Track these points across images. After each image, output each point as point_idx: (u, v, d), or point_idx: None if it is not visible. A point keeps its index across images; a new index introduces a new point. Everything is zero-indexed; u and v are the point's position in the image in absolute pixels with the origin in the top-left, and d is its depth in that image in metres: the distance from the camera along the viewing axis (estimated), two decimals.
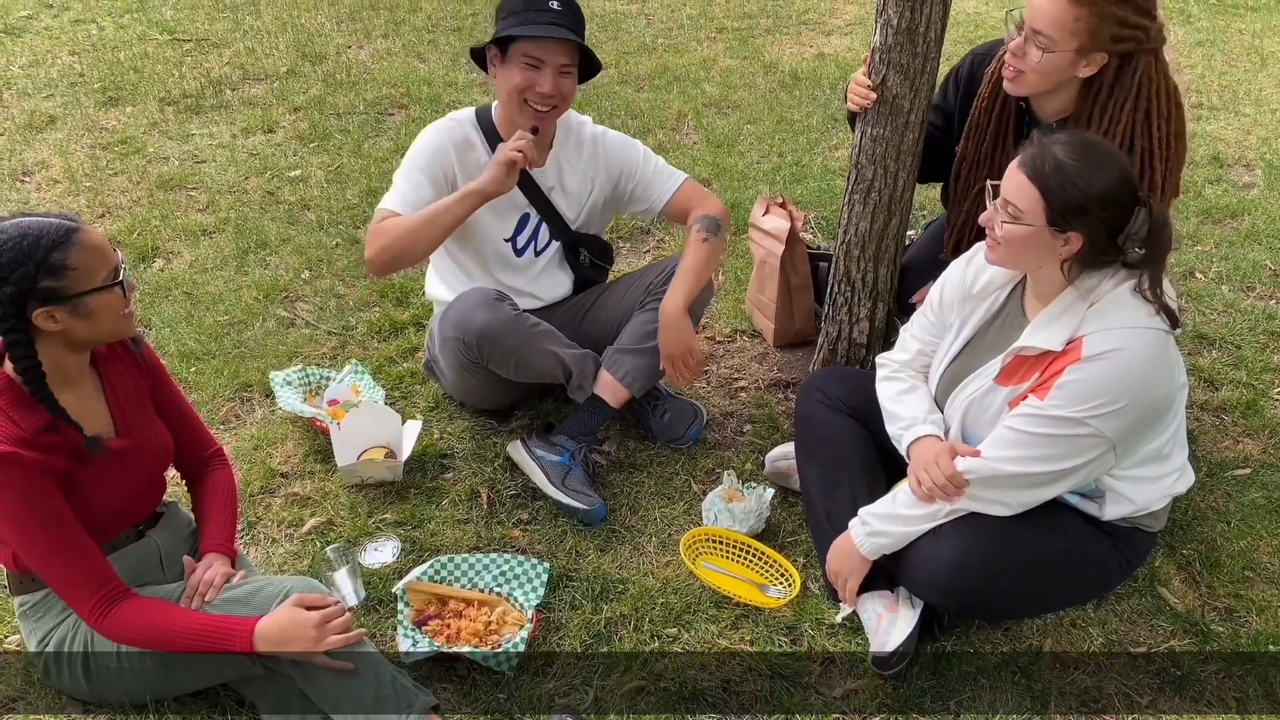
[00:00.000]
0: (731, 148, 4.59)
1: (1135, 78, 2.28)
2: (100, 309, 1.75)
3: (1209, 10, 6.67)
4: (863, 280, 2.73)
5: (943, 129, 2.69)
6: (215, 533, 2.05)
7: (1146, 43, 2.26)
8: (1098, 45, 2.24)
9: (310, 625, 1.80)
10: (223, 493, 2.12)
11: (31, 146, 4.33)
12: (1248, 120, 5.02)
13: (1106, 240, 1.90)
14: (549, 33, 2.36)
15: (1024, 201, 1.92)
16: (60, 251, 1.68)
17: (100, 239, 1.76)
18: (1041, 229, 1.91)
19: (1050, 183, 1.88)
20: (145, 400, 2.00)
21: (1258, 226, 3.98)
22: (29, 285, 1.67)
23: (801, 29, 6.26)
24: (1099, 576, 2.20)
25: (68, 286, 1.70)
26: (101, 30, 5.62)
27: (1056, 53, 2.25)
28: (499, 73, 2.46)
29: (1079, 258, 1.93)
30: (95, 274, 1.73)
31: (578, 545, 2.45)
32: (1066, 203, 1.87)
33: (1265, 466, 2.74)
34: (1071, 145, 1.90)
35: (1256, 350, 3.24)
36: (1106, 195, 1.86)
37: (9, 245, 1.66)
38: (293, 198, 4.02)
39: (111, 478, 1.87)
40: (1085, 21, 2.20)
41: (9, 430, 1.71)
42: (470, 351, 2.51)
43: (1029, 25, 2.27)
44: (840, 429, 2.38)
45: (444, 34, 5.85)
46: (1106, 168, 1.87)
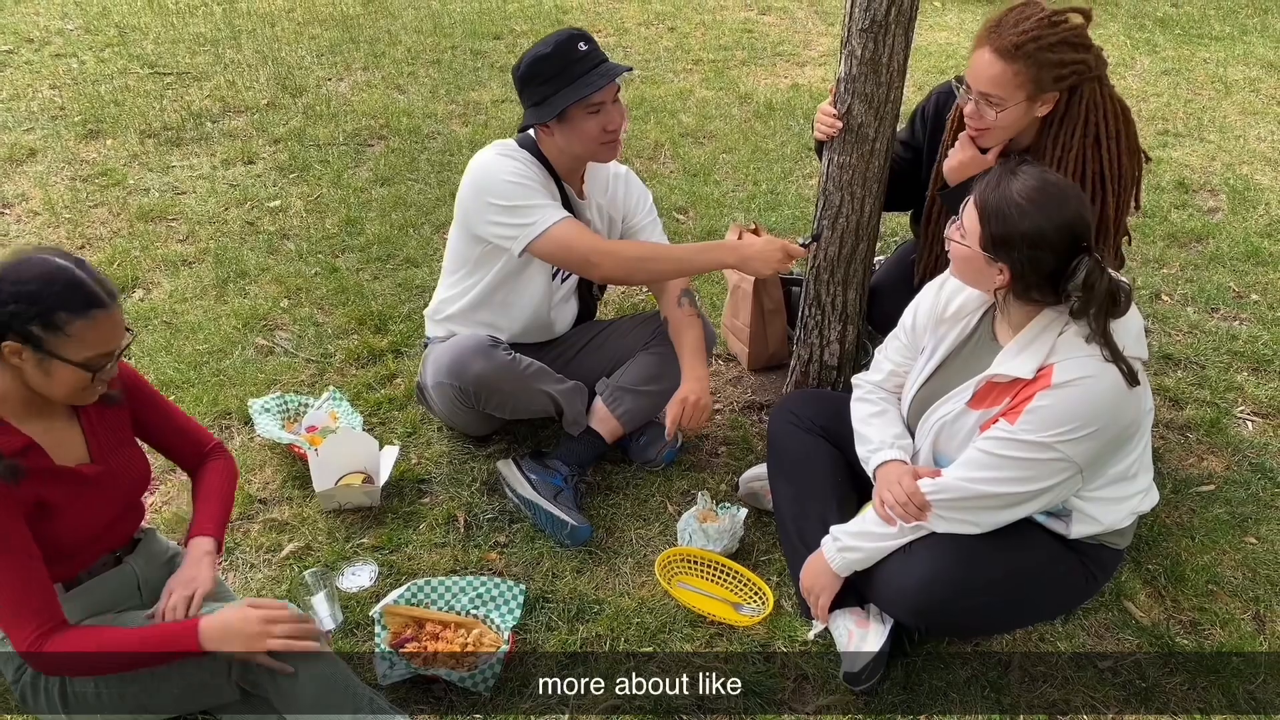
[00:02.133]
0: (707, 176, 4.66)
1: (1082, 105, 2.35)
2: (62, 378, 1.74)
3: (1174, 40, 6.82)
4: (833, 304, 2.79)
5: (911, 161, 2.76)
6: (205, 518, 2.03)
7: (1089, 73, 2.33)
8: (1043, 89, 2.31)
9: (254, 622, 1.79)
10: (216, 478, 2.11)
11: (11, 179, 4.36)
12: (1212, 146, 5.14)
13: (1038, 280, 1.95)
14: (603, 83, 2.41)
15: (969, 223, 1.99)
16: (68, 314, 1.68)
17: (117, 325, 1.75)
18: (977, 253, 1.98)
19: (989, 211, 1.94)
20: (124, 426, 2.00)
21: (1221, 249, 4.07)
22: (20, 323, 1.67)
23: (776, 60, 6.36)
24: (1066, 593, 2.24)
25: (51, 344, 1.69)
26: (82, 64, 5.66)
27: (1009, 108, 2.32)
28: (560, 131, 2.47)
29: (1009, 290, 1.99)
30: (82, 350, 1.72)
31: (554, 567, 2.47)
32: (995, 233, 1.94)
33: (1228, 483, 2.80)
34: (1027, 181, 1.93)
35: (1220, 370, 3.31)
36: (1035, 235, 1.90)
37: (34, 280, 1.67)
38: (272, 228, 4.06)
39: (87, 503, 1.88)
40: (1025, 74, 2.28)
41: None
42: (466, 397, 2.56)
43: (975, 90, 2.34)
44: (811, 449, 2.42)
45: (423, 66, 5.91)
46: (1047, 210, 1.90)
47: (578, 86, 2.40)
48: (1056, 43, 2.27)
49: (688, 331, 2.69)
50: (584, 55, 2.42)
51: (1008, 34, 2.27)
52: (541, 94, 2.44)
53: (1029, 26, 2.26)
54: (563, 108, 2.40)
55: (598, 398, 2.72)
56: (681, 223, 4.24)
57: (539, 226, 2.43)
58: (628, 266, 2.55)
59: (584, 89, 2.39)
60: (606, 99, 2.44)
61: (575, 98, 2.39)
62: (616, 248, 2.57)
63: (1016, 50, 2.25)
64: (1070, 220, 1.91)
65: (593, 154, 2.53)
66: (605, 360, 2.80)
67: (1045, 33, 2.26)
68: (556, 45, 2.42)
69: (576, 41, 2.43)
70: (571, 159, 2.56)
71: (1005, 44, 2.26)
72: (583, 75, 2.41)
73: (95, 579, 1.95)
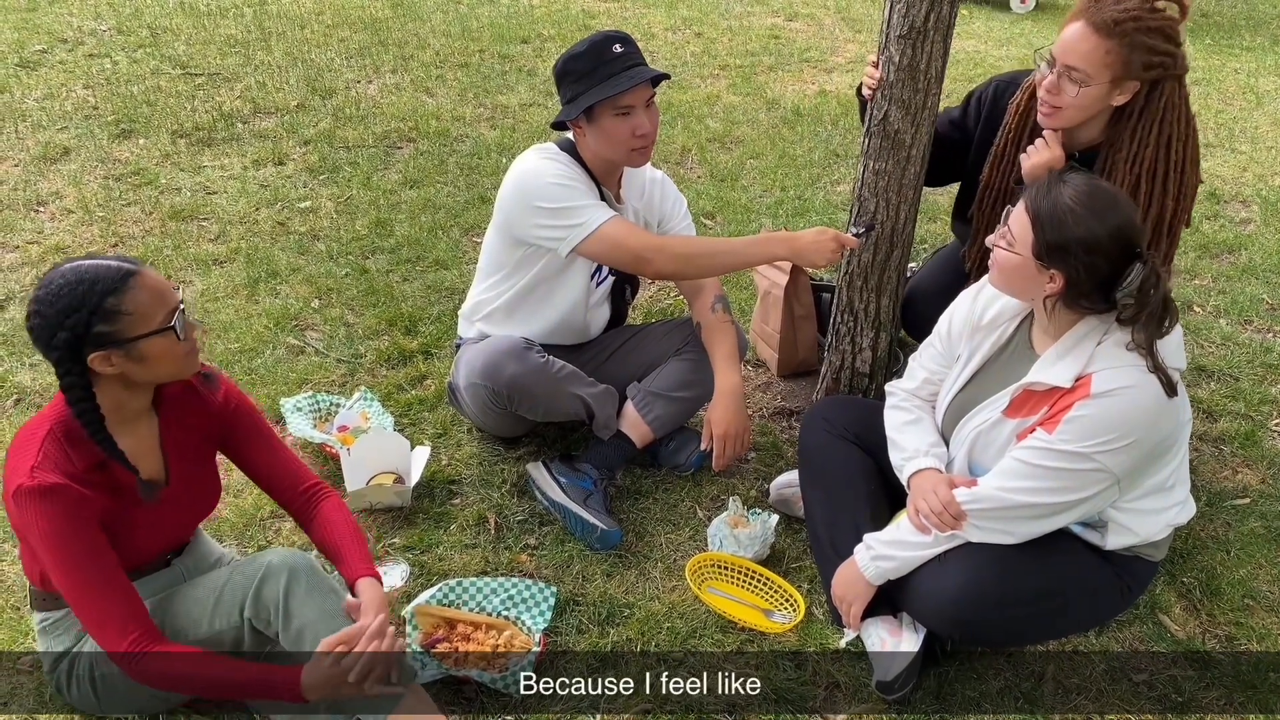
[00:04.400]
0: (735, 182, 4.66)
1: (1161, 102, 2.31)
2: (157, 352, 1.75)
3: (1205, 50, 6.78)
4: (865, 311, 2.78)
5: (956, 142, 2.72)
6: (358, 561, 1.99)
7: (1174, 69, 2.29)
8: (1130, 74, 2.27)
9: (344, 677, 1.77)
10: (343, 523, 2.06)
11: (46, 177, 4.40)
12: (1244, 157, 5.10)
13: (1091, 287, 1.93)
14: (630, 84, 2.40)
15: (1019, 230, 1.97)
16: (115, 296, 1.70)
17: (159, 281, 1.76)
18: (1028, 260, 1.96)
19: (1043, 217, 1.93)
20: (203, 446, 2.00)
21: (1254, 261, 4.04)
22: (84, 330, 1.68)
23: (803, 67, 6.36)
24: (1101, 604, 2.22)
25: (122, 331, 1.71)
26: (115, 64, 5.71)
27: (1092, 86, 2.29)
28: (591, 131, 2.48)
29: (1061, 297, 1.97)
30: (151, 318, 1.73)
31: (584, 570, 2.47)
32: (1052, 239, 1.92)
33: (1264, 496, 2.77)
34: (1078, 188, 1.93)
35: (1254, 382, 3.28)
36: (1091, 241, 1.89)
37: (65, 291, 1.68)
38: (303, 228, 4.08)
39: (152, 522, 1.90)
40: (1117, 54, 2.24)
41: (62, 463, 1.73)
42: (499, 400, 2.57)
43: (1061, 62, 2.30)
44: (844, 456, 2.41)
45: (451, 69, 5.94)
46: (1101, 216, 1.89)
47: (605, 86, 2.40)
48: (1153, 28, 2.24)
49: (722, 338, 2.68)
50: (617, 56, 2.42)
51: (1108, 9, 2.23)
52: (572, 91, 2.45)
53: (1130, 5, 2.23)
54: (588, 106, 2.41)
55: (629, 402, 2.72)
56: (709, 228, 4.24)
57: (589, 227, 2.43)
58: (680, 262, 2.53)
59: (610, 89, 2.39)
60: (636, 103, 2.44)
61: (600, 97, 2.39)
62: (668, 243, 2.55)
63: (1115, 26, 2.22)
64: (1123, 225, 1.90)
65: (622, 158, 2.53)
66: (637, 365, 2.80)
67: (1145, 15, 2.23)
68: (591, 44, 2.44)
69: (612, 43, 2.43)
70: (605, 162, 2.56)
71: (1104, 19, 2.22)
72: (613, 76, 2.41)
73: (144, 578, 1.96)
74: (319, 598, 1.87)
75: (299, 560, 1.91)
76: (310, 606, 1.85)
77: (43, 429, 1.76)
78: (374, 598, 1.90)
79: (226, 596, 1.89)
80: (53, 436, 1.75)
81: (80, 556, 1.73)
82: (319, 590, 1.88)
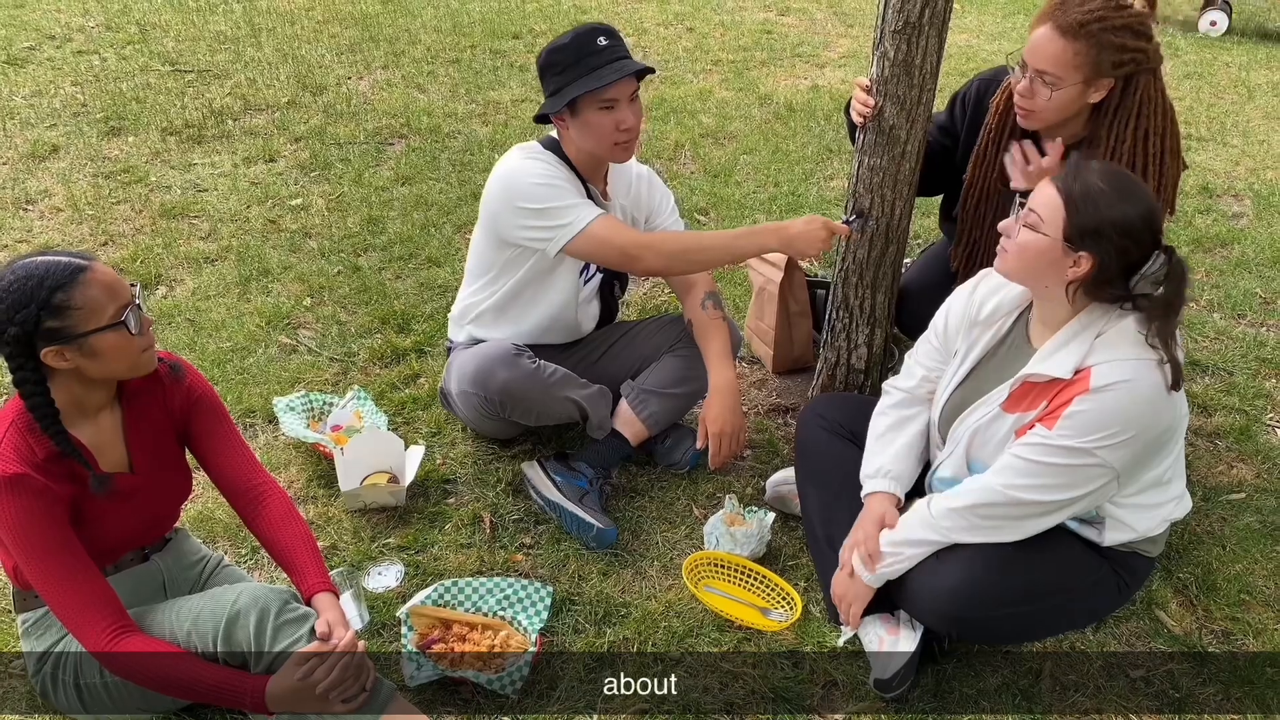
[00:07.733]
0: (728, 178, 4.65)
1: (1136, 96, 2.32)
2: (108, 348, 1.74)
3: (1197, 44, 6.79)
4: (861, 307, 2.77)
5: (948, 148, 2.72)
6: (312, 573, 1.96)
7: (1146, 63, 2.30)
8: (1101, 73, 2.28)
9: (310, 691, 1.76)
10: (295, 531, 2.02)
11: (34, 175, 4.37)
12: (1236, 151, 5.11)
13: (1116, 271, 1.91)
14: (615, 77, 2.37)
15: (1047, 212, 1.94)
16: (64, 292, 1.69)
17: (110, 277, 1.75)
18: (1056, 243, 1.93)
19: (1076, 198, 1.91)
20: (169, 437, 1.99)
21: (1247, 255, 4.05)
22: (33, 326, 1.67)
23: (796, 62, 6.35)
24: (1098, 601, 2.22)
25: (72, 326, 1.70)
26: (104, 61, 5.67)
27: (1064, 88, 2.29)
28: (574, 125, 2.45)
29: (1085, 283, 1.94)
30: (101, 313, 1.72)
31: (580, 569, 2.46)
32: (1086, 221, 1.89)
33: (1259, 491, 2.77)
34: (1106, 172, 1.93)
35: (1248, 376, 3.28)
36: (1126, 224, 1.88)
37: (15, 286, 1.68)
38: (294, 226, 4.06)
39: (120, 511, 1.88)
40: (1085, 55, 2.25)
41: (25, 452, 1.73)
42: (491, 406, 2.56)
43: (1031, 66, 2.31)
44: (840, 453, 2.40)
45: (442, 65, 5.92)
46: (1133, 200, 1.89)
47: (589, 79, 2.38)
48: (1120, 26, 2.24)
49: (713, 335, 2.67)
50: (602, 49, 2.40)
51: (1072, 11, 2.23)
52: (556, 84, 2.43)
53: (1094, 6, 2.23)
54: (572, 98, 2.39)
55: (623, 400, 2.71)
56: (703, 224, 4.23)
57: (575, 226, 2.42)
58: (670, 258, 2.51)
59: (594, 81, 2.37)
60: (620, 96, 2.42)
61: (584, 89, 2.37)
62: (657, 240, 2.54)
63: (1080, 28, 2.22)
64: (1153, 209, 1.90)
65: (606, 153, 2.50)
66: (630, 362, 2.79)
67: (1110, 14, 2.23)
68: (575, 36, 2.42)
69: (597, 35, 2.41)
70: (589, 158, 2.54)
71: (1069, 21, 2.23)
72: (597, 69, 2.39)
73: (120, 573, 1.95)
74: (291, 629, 1.83)
75: (268, 597, 1.86)
76: (281, 643, 1.82)
77: (6, 420, 1.76)
78: (337, 616, 1.88)
79: (200, 629, 1.85)
80: (15, 427, 1.75)
81: (50, 544, 1.73)
82: (291, 623, 1.84)
